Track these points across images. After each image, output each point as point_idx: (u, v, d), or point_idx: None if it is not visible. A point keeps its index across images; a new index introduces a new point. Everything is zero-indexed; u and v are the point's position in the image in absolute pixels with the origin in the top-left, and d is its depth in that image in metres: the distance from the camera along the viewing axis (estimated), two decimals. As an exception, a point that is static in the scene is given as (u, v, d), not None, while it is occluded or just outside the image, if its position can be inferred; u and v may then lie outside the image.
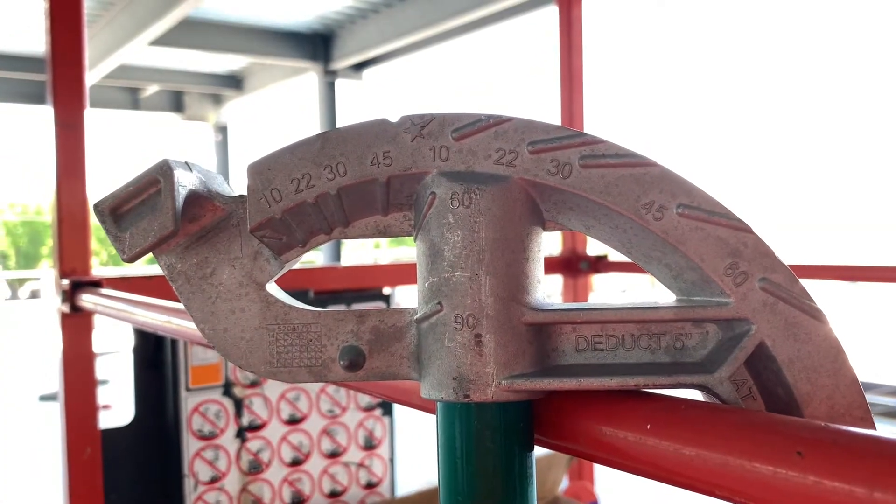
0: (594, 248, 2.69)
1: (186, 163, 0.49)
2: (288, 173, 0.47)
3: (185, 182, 0.48)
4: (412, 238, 0.50)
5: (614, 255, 2.66)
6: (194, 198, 0.49)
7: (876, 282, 1.97)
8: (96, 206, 0.48)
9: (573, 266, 2.63)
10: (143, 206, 0.48)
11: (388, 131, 0.46)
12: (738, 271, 0.45)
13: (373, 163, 0.46)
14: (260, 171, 0.47)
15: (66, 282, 1.66)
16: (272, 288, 0.52)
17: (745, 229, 0.45)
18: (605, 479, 2.78)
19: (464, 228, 0.45)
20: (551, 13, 2.68)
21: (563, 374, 0.46)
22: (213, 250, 0.51)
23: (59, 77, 1.73)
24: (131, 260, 0.48)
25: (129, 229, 0.47)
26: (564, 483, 2.61)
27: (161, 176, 0.46)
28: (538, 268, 0.48)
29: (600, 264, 2.62)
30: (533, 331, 0.47)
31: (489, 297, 0.45)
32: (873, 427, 0.46)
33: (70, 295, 1.65)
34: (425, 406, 0.59)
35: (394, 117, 0.46)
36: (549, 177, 0.45)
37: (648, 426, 0.44)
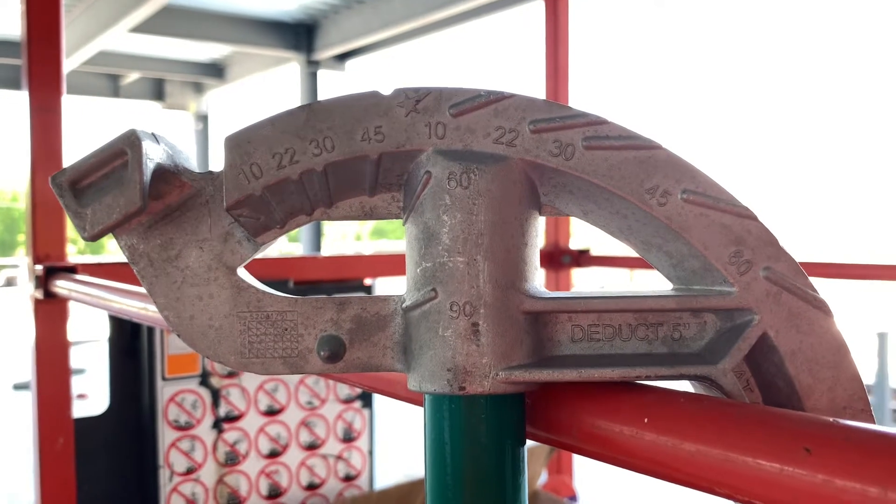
0: (576, 241, 2.68)
1: (153, 134, 0.45)
2: (269, 147, 0.44)
3: (153, 155, 0.44)
4: (397, 227, 0.47)
5: (597, 250, 2.65)
6: (160, 173, 0.45)
7: (878, 280, 1.96)
8: (53, 179, 0.43)
9: (556, 259, 2.62)
10: (107, 179, 0.44)
11: (380, 105, 0.43)
12: (742, 259, 0.43)
13: (363, 138, 0.43)
14: (238, 143, 0.44)
15: (39, 267, 1.62)
16: (243, 273, 0.48)
17: (749, 216, 0.43)
18: (584, 473, 2.77)
19: (462, 210, 0.43)
20: (538, 7, 2.66)
21: (560, 365, 0.44)
22: (179, 230, 0.47)
23: (36, 60, 1.69)
24: (93, 238, 0.44)
25: (92, 205, 0.43)
26: (543, 477, 2.60)
27: (128, 147, 0.43)
28: (535, 254, 0.46)
29: (582, 258, 2.60)
30: (530, 320, 0.44)
31: (487, 283, 0.43)
32: (873, 420, 0.44)
33: (44, 281, 1.61)
34: (411, 398, 0.57)
35: (386, 90, 0.43)
36: (551, 158, 0.43)
37: (646, 420, 0.43)
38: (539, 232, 0.46)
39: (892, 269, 1.94)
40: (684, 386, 0.46)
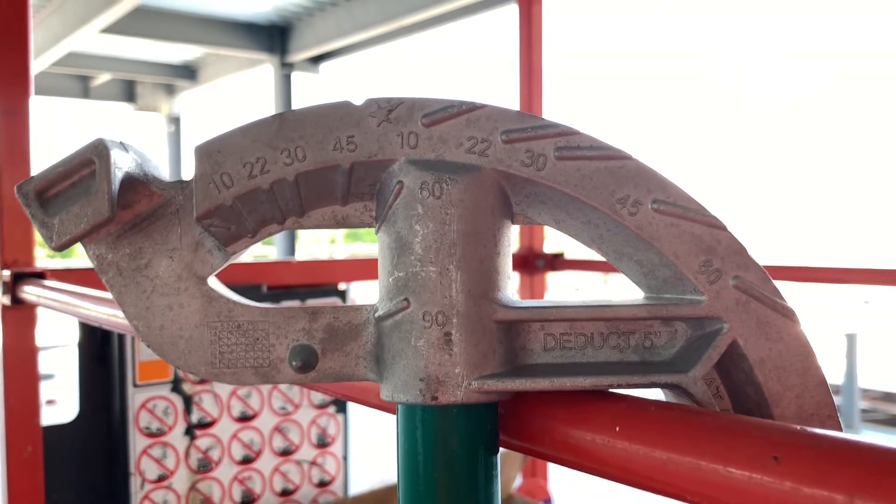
0: (551, 245, 2.69)
1: (122, 143, 0.45)
2: (240, 156, 0.44)
3: (122, 164, 0.44)
4: (372, 231, 0.47)
5: (571, 253, 2.66)
6: (129, 182, 0.45)
7: (857, 284, 1.99)
8: (19, 188, 0.43)
9: (530, 263, 2.63)
10: (75, 188, 0.43)
11: (352, 115, 0.43)
12: (712, 269, 0.44)
13: (335, 148, 0.43)
14: (209, 153, 0.44)
15: (7, 273, 1.60)
16: (214, 282, 0.48)
17: (718, 226, 0.44)
18: (559, 477, 2.78)
19: (434, 220, 0.43)
20: (511, 11, 2.67)
21: (533, 374, 0.44)
22: (148, 240, 0.47)
23: (3, 61, 1.66)
24: (60, 248, 0.43)
25: (59, 214, 0.43)
26: (518, 481, 2.61)
27: (96, 156, 0.42)
28: (508, 263, 0.46)
29: (557, 262, 2.62)
30: (503, 329, 0.45)
31: (460, 293, 0.43)
32: (839, 427, 0.45)
33: (11, 287, 1.58)
34: (384, 406, 0.57)
35: (358, 100, 0.43)
36: (523, 168, 0.43)
37: (617, 428, 0.43)
38: (511, 241, 0.47)
39: (858, 272, 1.98)
40: (655, 393, 0.47)
